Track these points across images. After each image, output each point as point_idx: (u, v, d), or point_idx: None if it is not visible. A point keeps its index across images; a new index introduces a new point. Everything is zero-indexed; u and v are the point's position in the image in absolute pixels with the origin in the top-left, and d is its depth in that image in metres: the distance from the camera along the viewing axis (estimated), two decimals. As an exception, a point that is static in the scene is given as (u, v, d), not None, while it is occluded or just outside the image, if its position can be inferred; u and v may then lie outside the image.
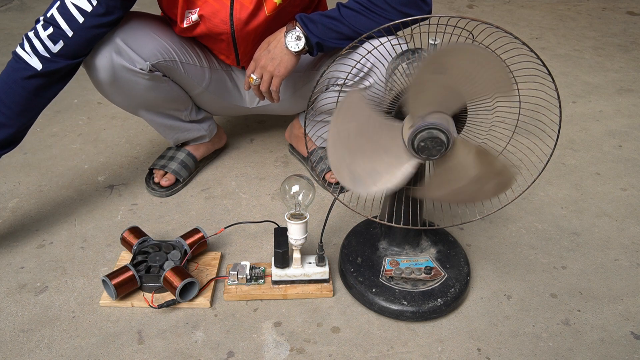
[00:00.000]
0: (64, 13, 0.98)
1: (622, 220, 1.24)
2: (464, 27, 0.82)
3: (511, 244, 1.17)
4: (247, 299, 1.02)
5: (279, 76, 1.07)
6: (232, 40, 1.14)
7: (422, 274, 1.00)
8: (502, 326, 0.97)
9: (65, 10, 0.98)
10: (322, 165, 1.33)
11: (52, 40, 0.98)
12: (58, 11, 0.98)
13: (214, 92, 1.28)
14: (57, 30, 0.98)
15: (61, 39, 0.98)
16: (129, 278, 0.98)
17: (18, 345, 0.93)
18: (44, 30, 0.98)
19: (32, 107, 1.03)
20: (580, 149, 1.52)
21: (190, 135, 1.35)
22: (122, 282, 0.97)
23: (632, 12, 2.67)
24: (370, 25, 1.01)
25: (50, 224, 1.22)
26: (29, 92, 1.01)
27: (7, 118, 1.01)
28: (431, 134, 0.75)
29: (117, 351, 0.92)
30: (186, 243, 1.07)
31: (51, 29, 0.98)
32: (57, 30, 0.98)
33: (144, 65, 1.09)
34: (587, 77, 1.97)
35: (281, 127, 1.59)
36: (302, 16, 1.03)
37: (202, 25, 1.11)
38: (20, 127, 1.04)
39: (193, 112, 1.31)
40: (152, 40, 1.11)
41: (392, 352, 0.92)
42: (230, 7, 1.08)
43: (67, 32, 0.98)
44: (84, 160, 1.46)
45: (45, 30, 0.98)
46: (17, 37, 2.22)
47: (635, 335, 0.95)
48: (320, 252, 1.02)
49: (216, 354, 0.91)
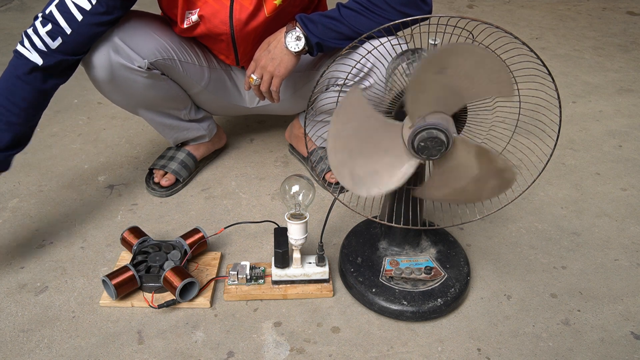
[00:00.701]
0: (63, 10, 0.98)
1: (622, 220, 1.24)
2: (464, 27, 0.82)
3: (511, 244, 1.17)
4: (247, 299, 1.02)
5: (279, 76, 1.07)
6: (231, 40, 1.14)
7: (422, 274, 1.00)
8: (502, 326, 0.97)
9: (65, 8, 0.98)
10: (322, 165, 1.33)
11: (51, 36, 0.98)
12: (57, 8, 0.98)
13: (213, 92, 1.28)
14: (56, 27, 0.98)
15: (59, 36, 0.99)
16: (129, 278, 0.98)
17: (18, 345, 0.93)
18: (43, 26, 0.98)
19: (36, 102, 1.03)
20: (580, 149, 1.52)
21: (189, 134, 1.35)
22: (122, 282, 0.97)
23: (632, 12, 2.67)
24: (370, 26, 1.01)
25: (50, 224, 1.22)
26: (32, 87, 1.01)
27: (14, 115, 1.00)
28: (431, 134, 0.75)
29: (117, 351, 0.92)
30: (186, 243, 1.07)
31: (50, 25, 0.98)
32: (56, 27, 0.98)
33: (142, 64, 1.09)
34: (587, 77, 1.97)
35: (281, 127, 1.59)
36: (302, 16, 1.03)
37: (202, 26, 1.11)
38: (27, 124, 1.03)
39: (192, 111, 1.31)
40: (151, 39, 1.11)
41: (392, 352, 0.92)
42: (230, 8, 1.08)
43: (66, 29, 0.98)
44: (84, 160, 1.46)
45: (44, 27, 0.98)
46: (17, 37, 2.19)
47: (635, 335, 0.95)
48: (320, 252, 1.02)
49: (216, 354, 0.91)
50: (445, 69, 0.69)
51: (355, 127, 0.81)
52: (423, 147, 0.77)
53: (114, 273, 0.98)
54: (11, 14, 2.61)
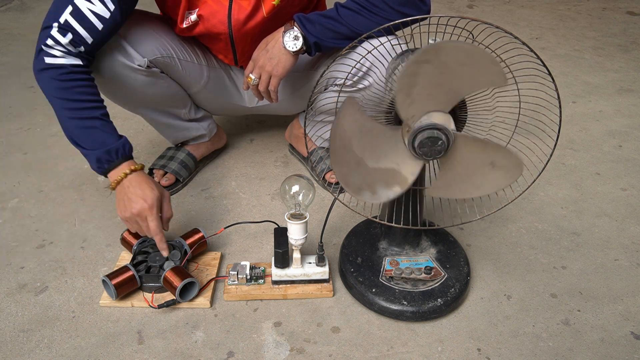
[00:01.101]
0: (80, 19, 0.96)
1: (622, 220, 1.24)
2: (464, 27, 0.82)
3: (511, 244, 1.17)
4: (247, 299, 1.02)
5: (277, 76, 1.07)
6: (230, 40, 1.15)
7: (422, 274, 1.00)
8: (502, 326, 0.97)
9: (82, 16, 0.96)
10: (322, 165, 1.33)
11: (74, 45, 0.97)
12: (74, 17, 0.96)
13: (212, 91, 1.29)
14: (77, 37, 0.96)
15: (82, 45, 0.98)
16: (129, 278, 0.98)
17: (18, 345, 0.93)
18: (63, 36, 0.95)
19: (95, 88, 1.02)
20: (580, 149, 1.52)
21: (189, 134, 1.35)
22: (122, 282, 0.97)
23: (632, 12, 2.67)
24: (368, 25, 1.01)
25: (50, 224, 1.22)
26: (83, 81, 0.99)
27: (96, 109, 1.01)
28: (430, 134, 0.75)
29: (117, 351, 0.92)
30: (186, 243, 1.07)
31: (70, 35, 0.96)
32: (77, 37, 0.96)
33: (142, 62, 1.10)
34: (587, 77, 1.97)
35: (281, 127, 1.59)
36: (300, 16, 1.03)
37: (200, 26, 1.11)
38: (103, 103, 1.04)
39: (192, 110, 1.31)
40: (151, 37, 1.12)
41: (392, 352, 0.92)
42: (229, 9, 1.08)
43: (88, 39, 0.97)
44: (84, 160, 1.45)
45: (64, 37, 0.95)
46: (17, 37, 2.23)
47: (635, 335, 0.95)
48: (320, 252, 1.02)
49: (216, 354, 0.91)
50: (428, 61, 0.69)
51: (357, 139, 0.81)
52: (424, 148, 0.77)
53: (114, 273, 0.98)
54: (11, 14, 2.61)
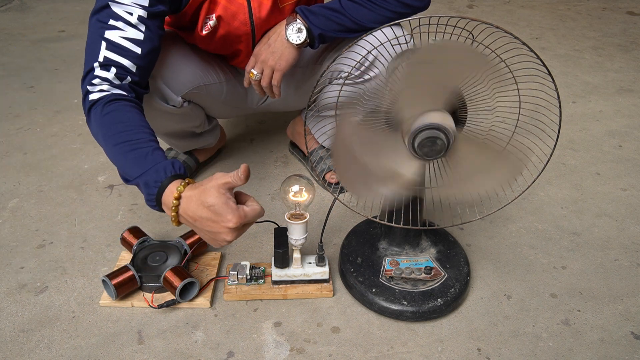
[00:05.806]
0: (119, 50, 0.91)
1: (622, 220, 1.24)
2: (464, 27, 0.82)
3: (511, 244, 1.17)
4: (247, 299, 1.02)
5: (280, 70, 1.06)
6: (252, 40, 1.09)
7: (422, 274, 1.00)
8: (502, 326, 0.97)
9: (119, 47, 0.91)
10: (322, 165, 1.33)
11: (120, 78, 0.92)
12: (110, 51, 0.91)
13: (226, 101, 1.26)
14: (121, 68, 0.91)
15: (128, 75, 0.92)
16: (129, 278, 0.98)
17: (18, 345, 0.93)
18: (107, 71, 0.91)
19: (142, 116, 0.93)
20: (580, 149, 1.52)
21: (199, 144, 1.35)
22: (122, 282, 0.97)
23: (632, 12, 2.67)
24: (371, 17, 1.01)
25: (50, 224, 1.22)
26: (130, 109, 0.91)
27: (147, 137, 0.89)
28: (430, 134, 0.75)
29: (117, 351, 0.92)
30: (186, 243, 1.07)
31: (114, 69, 0.91)
32: (121, 69, 0.91)
33: (177, 102, 1.10)
34: (587, 77, 1.97)
35: (281, 128, 1.59)
36: (303, 8, 1.02)
37: (220, 30, 1.05)
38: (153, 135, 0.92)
39: (206, 123, 1.31)
40: (182, 70, 1.08)
41: (392, 352, 0.92)
42: (248, 7, 1.03)
43: (131, 67, 0.92)
44: (84, 160, 1.46)
45: (109, 72, 0.91)
46: (17, 37, 2.23)
47: (635, 335, 0.95)
48: (320, 252, 1.02)
49: (216, 354, 0.91)
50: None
51: (360, 148, 0.81)
52: (424, 148, 0.77)
53: (114, 273, 0.98)
54: (11, 14, 2.61)
